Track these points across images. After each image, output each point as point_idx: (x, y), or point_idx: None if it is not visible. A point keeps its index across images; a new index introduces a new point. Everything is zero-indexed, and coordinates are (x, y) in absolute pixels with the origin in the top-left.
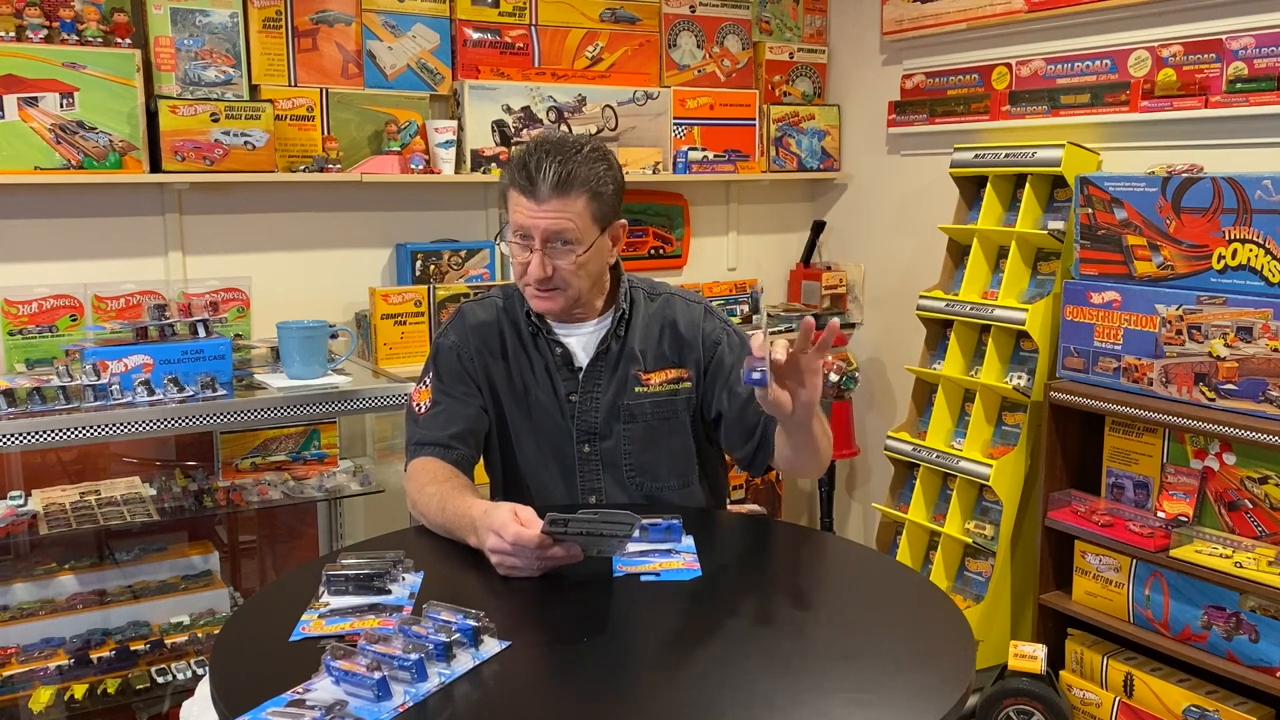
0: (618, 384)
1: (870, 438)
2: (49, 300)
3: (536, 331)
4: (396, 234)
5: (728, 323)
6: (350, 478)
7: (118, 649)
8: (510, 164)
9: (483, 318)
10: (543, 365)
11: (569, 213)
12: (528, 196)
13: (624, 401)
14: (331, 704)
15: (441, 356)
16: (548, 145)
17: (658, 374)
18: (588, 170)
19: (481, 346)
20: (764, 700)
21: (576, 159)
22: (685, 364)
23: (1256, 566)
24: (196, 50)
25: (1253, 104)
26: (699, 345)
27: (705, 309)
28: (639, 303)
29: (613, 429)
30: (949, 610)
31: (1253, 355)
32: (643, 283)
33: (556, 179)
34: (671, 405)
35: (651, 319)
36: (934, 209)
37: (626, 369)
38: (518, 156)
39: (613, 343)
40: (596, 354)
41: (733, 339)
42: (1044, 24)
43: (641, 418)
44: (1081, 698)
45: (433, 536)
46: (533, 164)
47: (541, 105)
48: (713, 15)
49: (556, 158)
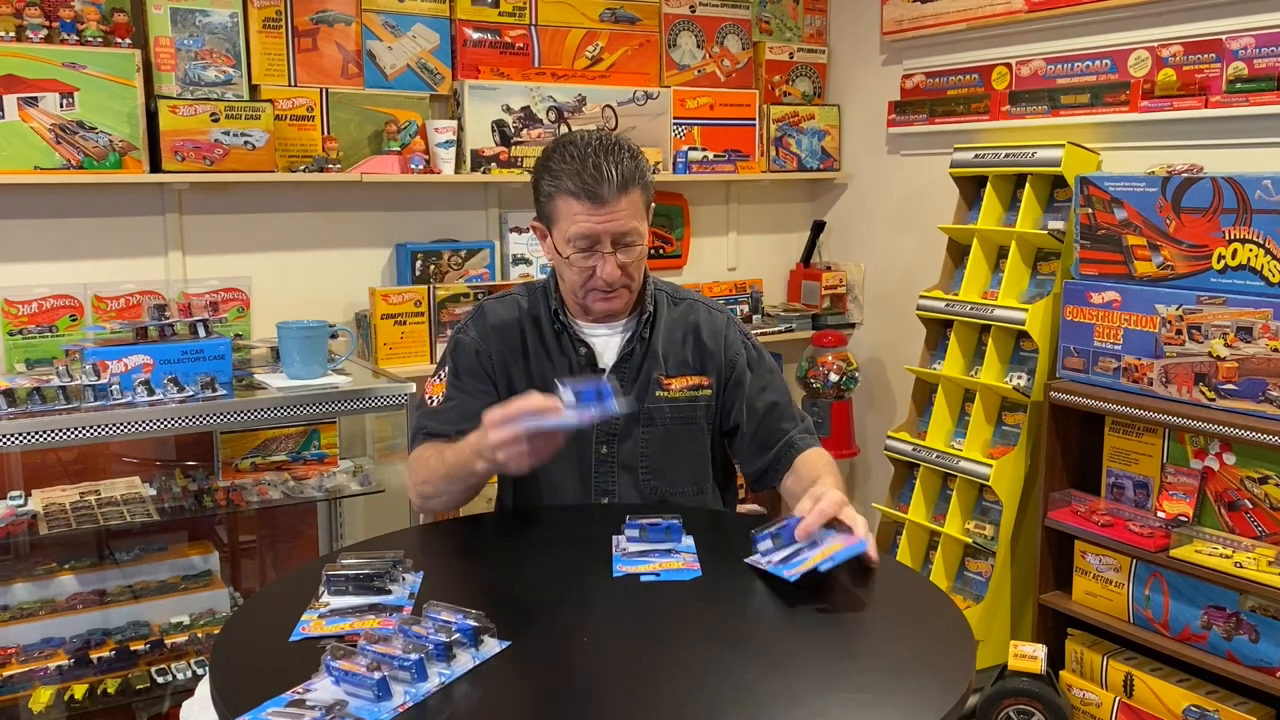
0: (640, 387)
1: (870, 438)
2: (49, 300)
3: (562, 329)
4: (396, 234)
5: (749, 334)
6: (350, 478)
7: (118, 649)
8: (554, 172)
9: (504, 317)
10: (565, 365)
11: (632, 209)
12: (592, 201)
13: (644, 404)
14: (331, 704)
15: (460, 352)
16: (595, 147)
17: (679, 379)
18: (637, 164)
19: (503, 347)
20: (764, 700)
21: (625, 155)
22: (707, 371)
23: (1256, 566)
24: (196, 50)
25: (1253, 104)
26: (721, 355)
27: (728, 318)
28: (662, 306)
29: (632, 431)
30: (949, 610)
31: (1253, 355)
32: (666, 286)
33: (621, 180)
34: (691, 411)
35: (675, 323)
36: (934, 209)
37: (649, 372)
38: (567, 164)
39: (637, 345)
40: (621, 356)
41: (752, 352)
42: (1044, 24)
43: (661, 421)
44: (1081, 698)
45: (433, 537)
46: (590, 168)
47: (541, 105)
48: (713, 15)
49: (610, 158)
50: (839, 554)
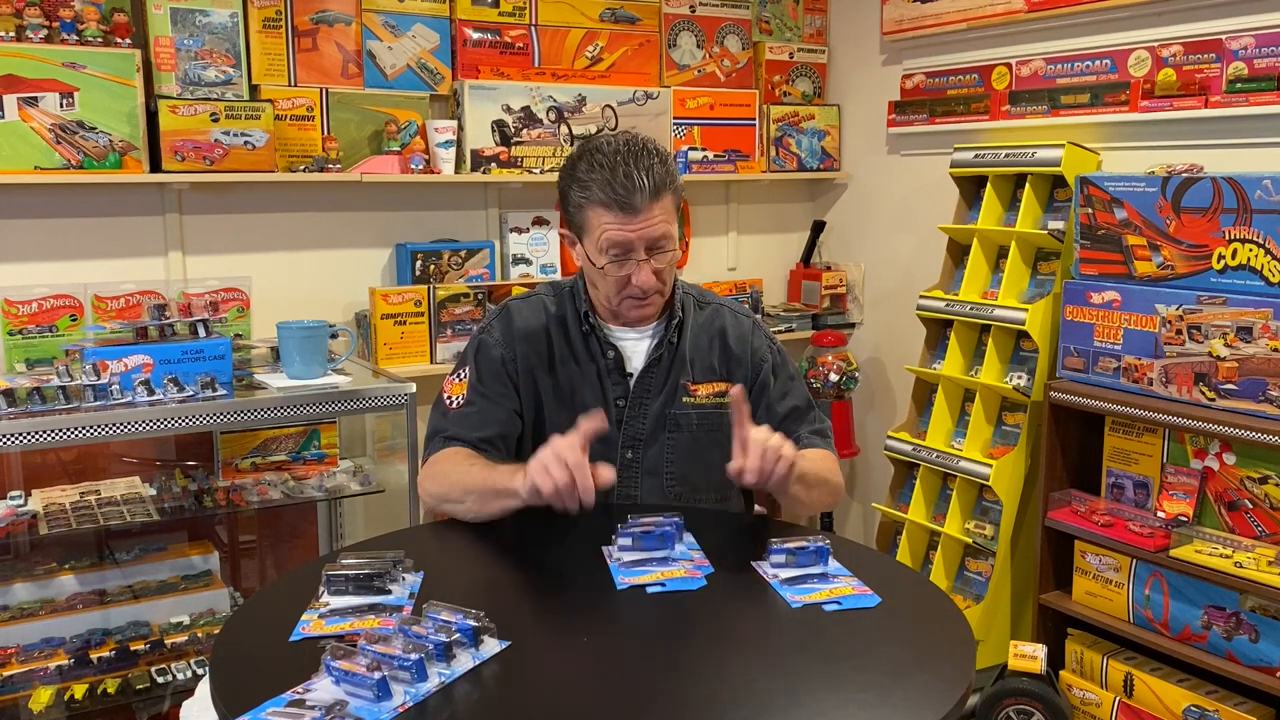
0: (667, 393)
1: (870, 438)
2: (49, 300)
3: (590, 332)
4: (396, 234)
5: (774, 339)
6: (350, 478)
7: (118, 649)
8: (583, 182)
9: (531, 322)
10: (594, 370)
11: (665, 215)
12: (625, 211)
13: (671, 411)
14: (331, 704)
15: (483, 354)
16: (624, 153)
17: (705, 386)
18: (667, 168)
19: (529, 352)
20: (764, 700)
21: (654, 161)
22: (733, 378)
23: (1256, 566)
24: (196, 50)
25: (1253, 104)
26: (747, 361)
27: (754, 323)
28: (689, 310)
29: (658, 437)
30: (949, 610)
31: (1253, 355)
32: (692, 289)
33: (653, 187)
34: (717, 419)
35: (701, 329)
36: (934, 209)
37: (676, 378)
38: (596, 173)
39: (666, 350)
40: (650, 361)
41: (778, 358)
42: (1044, 24)
43: (687, 428)
44: (1081, 698)
45: (433, 536)
46: (621, 177)
47: (541, 105)
48: (713, 15)
49: (640, 165)
50: (847, 600)
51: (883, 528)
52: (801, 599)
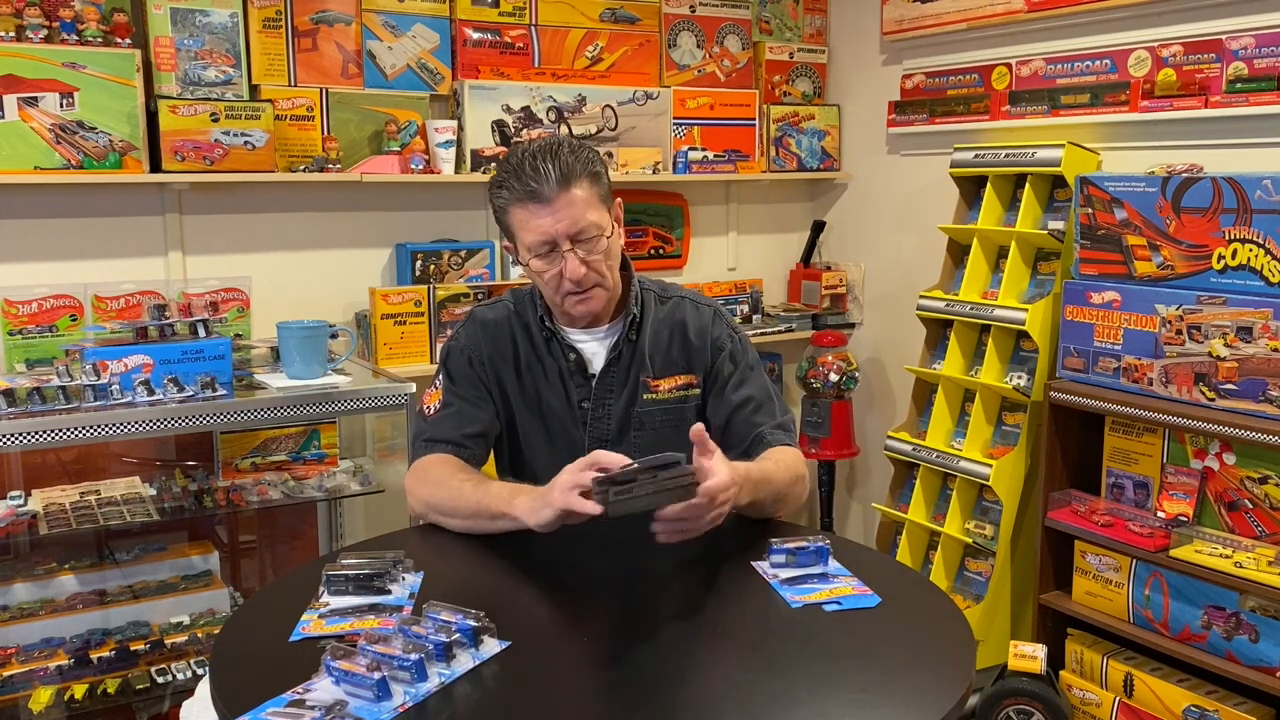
0: (629, 391)
1: (870, 438)
2: (49, 300)
3: (550, 336)
4: (396, 234)
5: (736, 328)
6: (350, 478)
7: (118, 649)
8: (500, 186)
9: (496, 326)
10: (555, 371)
11: (583, 203)
12: (536, 203)
13: (635, 409)
14: (331, 704)
15: (452, 359)
16: (533, 151)
17: (667, 380)
18: (577, 157)
19: (493, 352)
20: (764, 700)
21: (563, 151)
22: (694, 370)
23: (1256, 566)
24: (196, 50)
25: (1253, 104)
26: (707, 351)
27: (715, 312)
28: (649, 306)
29: (624, 437)
30: (949, 610)
31: (1253, 355)
32: (654, 284)
33: (560, 175)
34: (681, 413)
35: (661, 323)
36: (934, 209)
37: (637, 375)
38: (508, 175)
39: (624, 348)
40: (609, 361)
41: (736, 346)
42: (1044, 24)
43: (650, 425)
44: (1081, 698)
45: (433, 537)
46: (529, 169)
47: (541, 105)
48: (713, 15)
49: (548, 157)
50: (847, 600)
51: (883, 528)
52: (801, 599)
